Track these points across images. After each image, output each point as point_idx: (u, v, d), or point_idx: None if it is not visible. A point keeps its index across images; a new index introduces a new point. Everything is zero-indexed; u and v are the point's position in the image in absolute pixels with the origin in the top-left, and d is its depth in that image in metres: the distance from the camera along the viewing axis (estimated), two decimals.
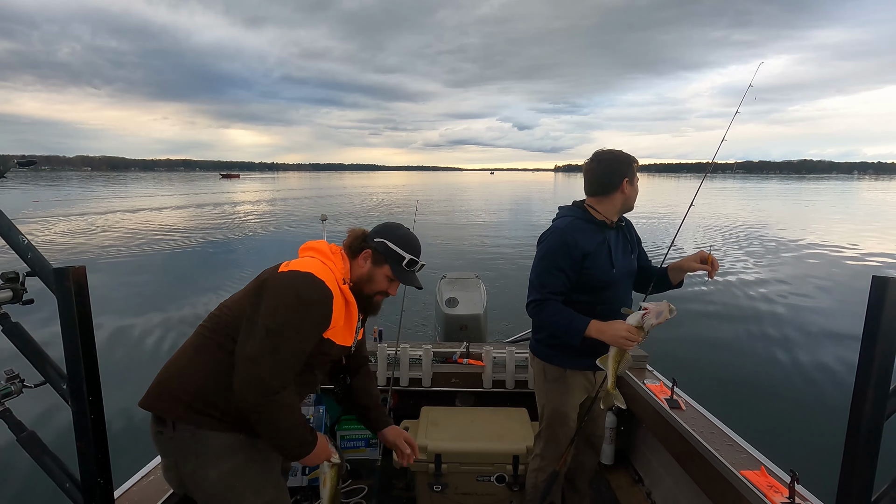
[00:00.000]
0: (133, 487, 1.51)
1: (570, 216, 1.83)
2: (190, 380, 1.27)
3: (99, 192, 41.79)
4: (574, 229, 1.77)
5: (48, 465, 1.07)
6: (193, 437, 1.26)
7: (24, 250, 1.03)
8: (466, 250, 12.47)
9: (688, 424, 1.95)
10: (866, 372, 0.90)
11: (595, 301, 1.78)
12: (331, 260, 1.37)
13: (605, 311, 1.78)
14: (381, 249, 1.41)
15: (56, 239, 13.70)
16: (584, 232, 1.77)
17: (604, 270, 1.77)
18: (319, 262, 1.34)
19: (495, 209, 26.96)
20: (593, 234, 1.78)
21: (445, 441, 2.18)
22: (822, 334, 6.13)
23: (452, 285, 3.89)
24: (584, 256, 1.73)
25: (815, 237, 14.97)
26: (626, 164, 1.79)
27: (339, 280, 1.34)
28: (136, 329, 6.14)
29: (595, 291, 1.78)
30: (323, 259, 1.36)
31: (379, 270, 1.42)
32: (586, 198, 1.88)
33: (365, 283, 1.42)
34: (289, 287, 1.25)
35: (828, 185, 70.77)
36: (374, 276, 1.42)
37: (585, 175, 1.85)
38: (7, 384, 1.02)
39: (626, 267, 1.86)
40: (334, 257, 1.39)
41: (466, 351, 2.72)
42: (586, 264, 1.74)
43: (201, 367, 1.28)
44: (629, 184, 1.80)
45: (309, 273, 1.27)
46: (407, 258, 1.41)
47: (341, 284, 1.34)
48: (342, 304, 1.34)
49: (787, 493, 1.49)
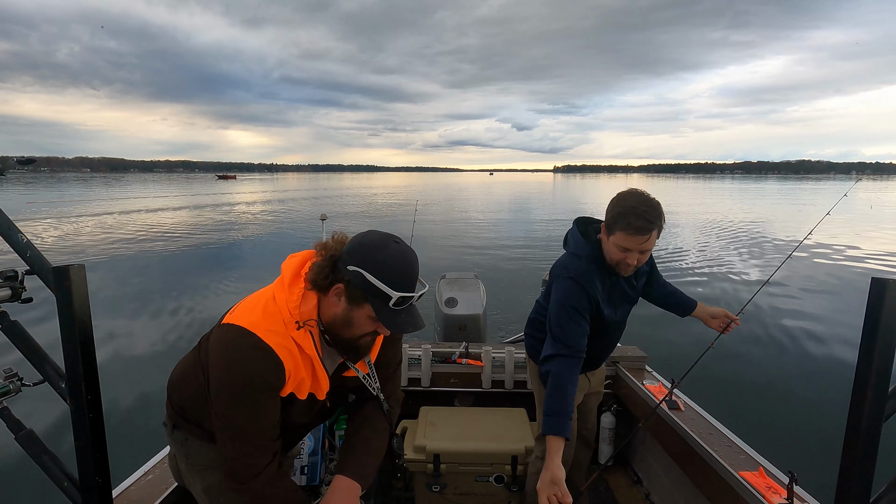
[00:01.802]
0: (131, 486, 1.50)
1: (583, 256, 1.68)
2: (183, 389, 1.24)
3: (95, 193, 41.74)
4: (589, 274, 1.65)
5: (46, 463, 1.07)
6: (185, 443, 1.26)
7: (24, 249, 1.03)
8: (466, 250, 12.47)
9: (686, 425, 1.95)
10: (865, 373, 0.90)
11: (595, 335, 1.76)
12: (283, 293, 1.08)
13: (601, 343, 1.84)
14: (358, 283, 1.03)
15: (54, 239, 13.68)
16: (597, 276, 1.66)
17: (607, 316, 1.74)
18: (267, 300, 1.08)
19: (495, 209, 26.95)
20: (603, 277, 1.69)
21: (444, 441, 2.18)
22: (821, 335, 6.13)
23: (452, 285, 3.89)
24: (597, 304, 1.67)
25: (814, 237, 14.98)
26: (610, 209, 1.56)
27: (284, 323, 1.05)
28: (134, 328, 6.14)
29: (595, 331, 1.74)
30: (277, 292, 1.08)
31: (358, 311, 1.06)
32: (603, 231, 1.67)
33: (342, 327, 1.09)
34: (222, 363, 1.05)
35: (826, 186, 70.84)
36: (353, 319, 1.08)
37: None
38: (6, 382, 1.02)
39: (624, 313, 1.84)
40: (290, 289, 1.09)
41: (465, 351, 2.72)
42: (596, 312, 1.69)
43: (192, 380, 1.20)
44: (604, 232, 1.61)
45: (240, 337, 1.03)
46: (395, 297, 1.02)
47: (290, 330, 1.05)
48: (293, 357, 1.06)
49: (785, 494, 1.49)
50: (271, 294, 1.09)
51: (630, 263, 1.57)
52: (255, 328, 1.04)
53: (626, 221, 1.50)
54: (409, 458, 2.15)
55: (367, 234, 1.09)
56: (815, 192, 48.99)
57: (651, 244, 1.55)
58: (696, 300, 2.00)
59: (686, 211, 23.71)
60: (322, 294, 1.09)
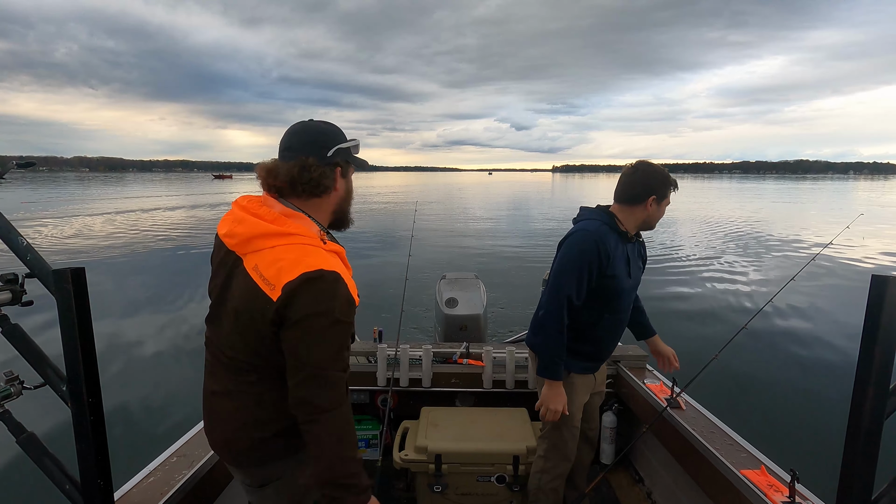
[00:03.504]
0: (133, 489, 1.50)
1: (598, 220, 1.79)
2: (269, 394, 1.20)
3: (93, 192, 41.73)
4: (604, 233, 1.74)
5: (48, 466, 1.07)
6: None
7: (24, 252, 1.03)
8: (466, 250, 12.46)
9: (688, 424, 1.95)
10: (866, 371, 0.90)
11: (604, 309, 1.80)
12: (299, 228, 1.10)
13: (610, 321, 1.85)
14: (343, 157, 1.18)
15: (53, 239, 13.67)
16: (610, 238, 1.75)
17: (620, 280, 1.77)
18: (302, 245, 1.08)
19: (494, 209, 26.96)
20: (616, 242, 1.77)
21: (445, 441, 2.18)
22: (821, 333, 6.13)
23: (452, 285, 3.89)
24: (609, 261, 1.72)
25: (814, 236, 15.00)
26: (659, 182, 1.75)
27: (325, 251, 1.10)
28: (135, 330, 6.13)
29: (607, 300, 1.79)
30: (296, 232, 1.09)
31: (349, 178, 1.23)
32: (612, 203, 1.85)
33: (347, 202, 1.25)
34: (321, 306, 1.04)
35: (824, 185, 70.86)
36: (350, 187, 1.24)
37: (620, 180, 1.81)
38: (7, 386, 1.02)
39: (637, 280, 1.89)
40: (296, 222, 1.11)
41: (466, 351, 2.72)
42: (608, 271, 1.73)
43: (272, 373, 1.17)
44: (655, 202, 1.77)
45: (327, 282, 1.04)
46: (357, 142, 1.23)
47: (331, 255, 1.11)
48: (344, 267, 1.13)
49: (787, 492, 1.49)
50: (297, 240, 1.08)
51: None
52: (323, 266, 1.04)
53: (673, 182, 1.78)
54: (411, 459, 2.15)
55: (299, 131, 1.17)
56: (814, 191, 48.99)
57: None
58: (655, 331, 2.13)
59: (685, 209, 23.72)
60: (318, 197, 1.16)
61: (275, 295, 1.02)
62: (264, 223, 1.09)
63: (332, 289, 1.05)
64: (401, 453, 2.18)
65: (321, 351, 1.05)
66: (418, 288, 6.90)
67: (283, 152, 1.17)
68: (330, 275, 1.04)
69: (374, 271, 9.27)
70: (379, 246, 12.41)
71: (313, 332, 1.04)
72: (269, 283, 1.04)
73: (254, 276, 1.06)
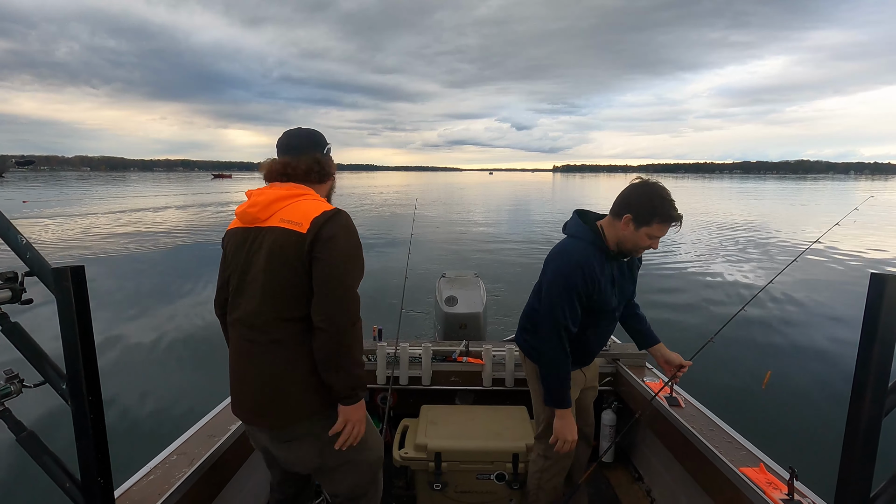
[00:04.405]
0: (133, 487, 1.50)
1: (583, 239, 1.72)
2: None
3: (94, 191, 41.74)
4: (588, 256, 1.68)
5: (48, 464, 1.07)
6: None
7: (23, 250, 1.03)
8: (465, 249, 12.45)
9: (687, 422, 1.95)
10: (865, 369, 0.91)
11: (588, 324, 1.78)
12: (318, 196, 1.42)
13: (593, 336, 1.86)
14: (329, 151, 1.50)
15: (52, 238, 13.67)
16: (595, 259, 1.69)
17: (607, 301, 1.75)
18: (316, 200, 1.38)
19: (494, 208, 26.95)
20: (602, 261, 1.71)
21: (445, 439, 2.18)
22: (820, 331, 6.14)
23: (452, 284, 3.90)
24: (594, 286, 1.68)
25: (814, 236, 15.01)
26: (641, 203, 1.60)
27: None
28: (135, 327, 6.13)
29: (592, 316, 1.77)
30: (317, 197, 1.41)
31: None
32: (605, 219, 1.75)
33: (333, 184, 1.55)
34: (350, 242, 1.33)
35: (824, 186, 70.83)
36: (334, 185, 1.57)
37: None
38: (6, 384, 1.02)
39: (623, 297, 1.86)
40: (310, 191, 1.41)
41: (466, 349, 2.72)
42: (595, 295, 1.70)
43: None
44: (632, 223, 1.62)
45: (348, 218, 1.36)
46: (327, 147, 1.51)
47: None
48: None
49: (786, 489, 1.50)
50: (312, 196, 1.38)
51: (654, 248, 1.68)
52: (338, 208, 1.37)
53: (667, 213, 1.59)
54: (411, 457, 2.15)
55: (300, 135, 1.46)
56: (814, 191, 48.97)
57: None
58: (659, 339, 1.99)
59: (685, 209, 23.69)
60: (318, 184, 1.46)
61: (303, 229, 1.28)
62: (283, 190, 1.36)
63: (348, 221, 1.35)
64: (400, 451, 2.18)
65: (347, 271, 1.30)
66: (418, 286, 6.90)
67: (288, 150, 1.44)
68: (344, 212, 1.35)
69: (373, 270, 9.26)
70: (379, 244, 12.39)
71: (339, 254, 1.29)
72: (297, 223, 1.29)
73: (281, 225, 1.30)
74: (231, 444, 1.82)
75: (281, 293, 1.30)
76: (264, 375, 1.34)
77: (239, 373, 1.39)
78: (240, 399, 1.41)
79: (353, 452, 1.44)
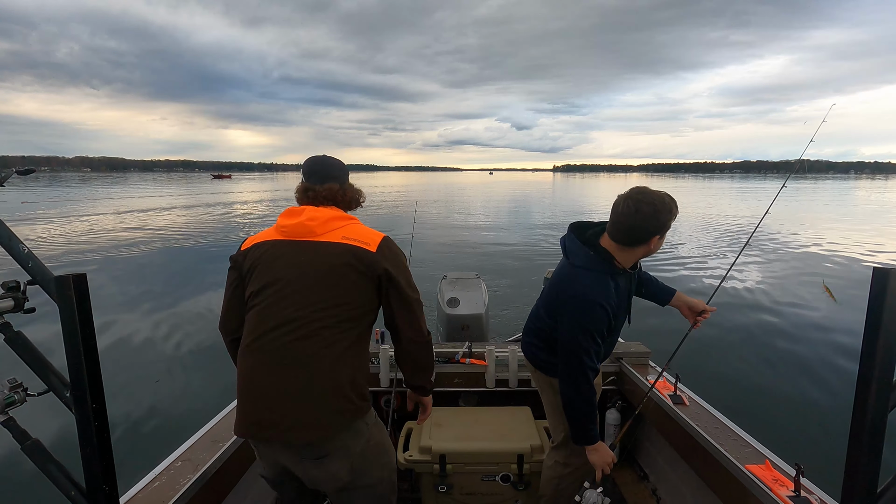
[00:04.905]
0: (138, 494, 1.51)
1: (594, 270, 1.62)
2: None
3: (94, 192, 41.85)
4: (606, 289, 1.60)
5: (53, 473, 1.07)
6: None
7: (25, 259, 1.03)
8: (467, 250, 12.46)
9: (692, 420, 1.95)
10: (869, 364, 0.90)
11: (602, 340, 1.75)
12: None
13: (607, 347, 1.80)
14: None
15: (52, 240, 13.70)
16: (612, 287, 1.62)
17: (620, 320, 1.74)
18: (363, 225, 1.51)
19: (495, 209, 26.94)
20: (617, 286, 1.64)
21: (449, 441, 2.18)
22: (824, 327, 6.12)
23: (453, 285, 3.89)
24: (615, 316, 1.66)
25: (817, 232, 14.98)
26: (664, 221, 1.55)
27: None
28: (138, 332, 6.13)
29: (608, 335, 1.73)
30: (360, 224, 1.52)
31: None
32: (608, 239, 1.64)
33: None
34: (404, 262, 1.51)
35: (824, 185, 70.57)
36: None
37: (618, 220, 1.58)
38: (10, 393, 1.02)
39: (629, 311, 1.82)
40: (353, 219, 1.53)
41: (469, 351, 2.72)
42: (614, 321, 1.68)
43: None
44: (660, 239, 1.60)
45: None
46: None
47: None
48: None
49: (792, 486, 1.49)
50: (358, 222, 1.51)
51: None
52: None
53: (675, 211, 1.61)
54: (415, 460, 2.15)
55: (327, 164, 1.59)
56: (815, 191, 48.85)
57: None
58: (674, 288, 1.94)
59: (686, 210, 23.67)
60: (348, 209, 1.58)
61: (372, 248, 1.40)
62: (336, 212, 1.48)
63: (396, 244, 1.51)
64: (405, 454, 2.18)
65: (414, 287, 1.48)
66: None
67: (317, 176, 1.54)
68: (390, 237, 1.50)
69: None
70: None
71: (405, 272, 1.47)
72: (364, 242, 1.41)
73: (346, 241, 1.40)
74: (235, 450, 1.82)
75: (339, 303, 1.35)
76: (310, 386, 1.29)
77: (263, 387, 1.31)
78: (262, 416, 1.30)
79: (378, 469, 1.46)
